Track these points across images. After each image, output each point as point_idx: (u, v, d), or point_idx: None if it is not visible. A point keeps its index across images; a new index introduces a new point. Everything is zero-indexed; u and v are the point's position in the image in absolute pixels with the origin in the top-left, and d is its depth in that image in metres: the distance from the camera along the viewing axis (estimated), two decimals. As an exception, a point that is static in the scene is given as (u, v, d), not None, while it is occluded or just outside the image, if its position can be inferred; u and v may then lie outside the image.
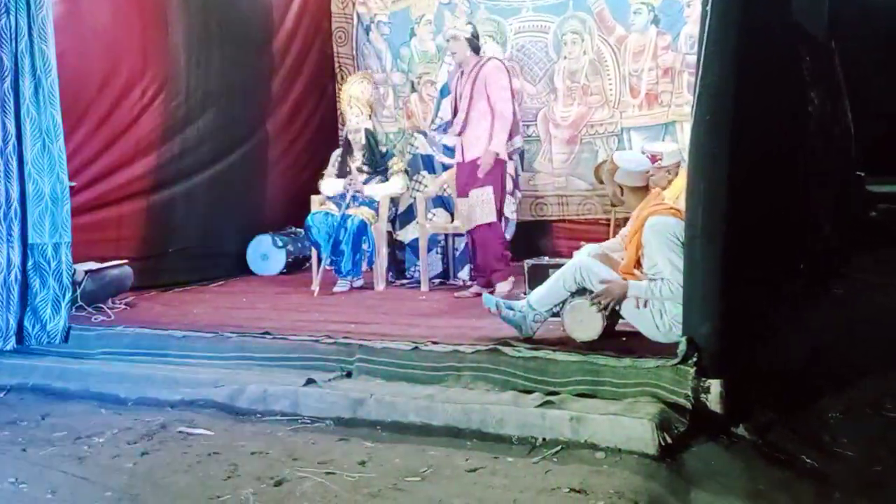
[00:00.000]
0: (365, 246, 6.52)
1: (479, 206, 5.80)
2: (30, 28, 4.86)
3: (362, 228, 6.47)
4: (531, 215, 8.03)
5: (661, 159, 5.26)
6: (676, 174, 5.28)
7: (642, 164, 4.42)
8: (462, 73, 5.97)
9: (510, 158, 6.22)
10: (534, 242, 7.82)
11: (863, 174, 6.52)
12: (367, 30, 8.79)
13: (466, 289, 6.22)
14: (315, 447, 3.54)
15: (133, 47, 6.52)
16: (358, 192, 6.66)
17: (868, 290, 5.74)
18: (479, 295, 5.41)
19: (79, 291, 5.39)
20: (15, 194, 4.88)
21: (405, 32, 8.64)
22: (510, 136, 6.14)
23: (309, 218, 6.60)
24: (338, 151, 7.04)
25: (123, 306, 5.73)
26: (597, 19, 7.87)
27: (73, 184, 5.41)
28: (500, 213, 6.00)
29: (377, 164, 6.80)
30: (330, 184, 6.87)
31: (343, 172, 6.83)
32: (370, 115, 7.03)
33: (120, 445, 3.62)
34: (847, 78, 5.46)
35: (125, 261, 6.06)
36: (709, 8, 3.54)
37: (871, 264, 6.19)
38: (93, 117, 6.25)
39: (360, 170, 6.77)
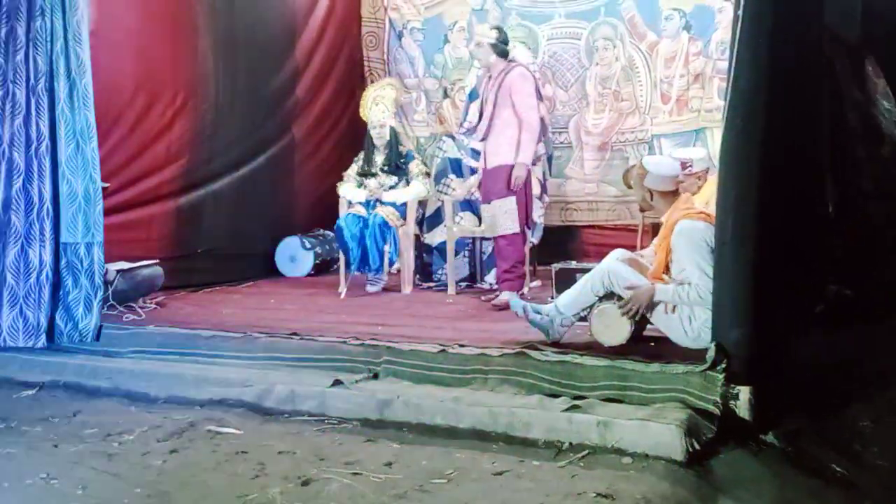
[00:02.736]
0: (387, 247, 6.53)
1: (502, 217, 5.76)
2: (65, 30, 4.92)
3: (383, 226, 6.49)
4: (560, 220, 8.02)
5: (690, 165, 5.24)
6: (706, 179, 5.25)
7: (672, 169, 4.39)
8: (490, 76, 5.96)
9: (534, 164, 6.17)
10: (562, 247, 7.80)
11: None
12: (400, 35, 8.84)
13: (493, 292, 6.21)
14: (342, 448, 3.55)
15: (164, 53, 6.60)
16: (378, 200, 6.68)
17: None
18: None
19: (110, 290, 5.45)
20: (47, 194, 4.95)
21: (439, 39, 8.70)
22: None
23: (340, 220, 6.63)
24: (361, 153, 6.98)
25: (154, 306, 5.78)
26: (628, 25, 7.87)
27: (107, 185, 5.47)
28: (526, 220, 5.95)
29: (398, 165, 6.79)
30: (350, 190, 6.85)
31: (365, 173, 6.82)
32: (395, 114, 7.04)
33: (149, 443, 3.65)
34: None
35: (156, 261, 6.11)
36: (741, 13, 3.51)
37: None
38: (127, 121, 6.31)
39: (382, 170, 6.77)
